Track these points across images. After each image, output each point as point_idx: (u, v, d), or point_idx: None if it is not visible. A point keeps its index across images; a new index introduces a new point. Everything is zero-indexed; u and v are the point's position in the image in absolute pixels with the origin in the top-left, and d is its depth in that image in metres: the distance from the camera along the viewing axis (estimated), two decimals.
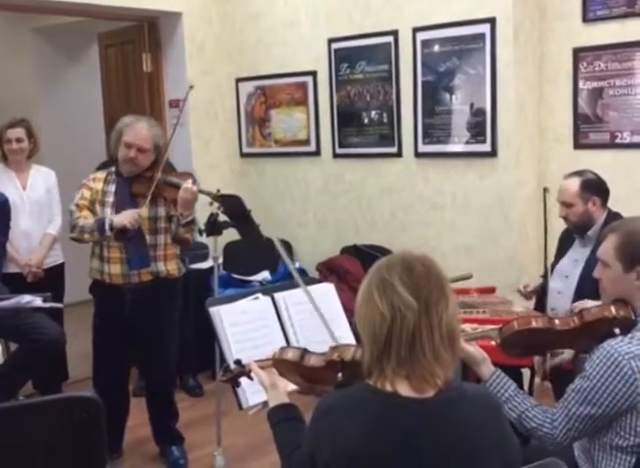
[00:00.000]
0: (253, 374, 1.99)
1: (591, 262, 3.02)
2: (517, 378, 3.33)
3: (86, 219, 3.31)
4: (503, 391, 2.04)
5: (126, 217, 3.23)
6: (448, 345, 1.55)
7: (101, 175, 3.46)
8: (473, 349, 2.10)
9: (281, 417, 1.88)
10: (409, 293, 1.54)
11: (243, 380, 2.08)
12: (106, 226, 3.23)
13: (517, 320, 2.15)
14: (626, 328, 1.98)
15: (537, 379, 3.55)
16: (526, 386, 3.55)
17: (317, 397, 1.97)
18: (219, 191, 3.33)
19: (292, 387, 2.00)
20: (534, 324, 2.12)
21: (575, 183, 3.19)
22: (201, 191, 3.28)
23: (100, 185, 3.41)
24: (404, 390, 1.54)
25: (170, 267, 3.45)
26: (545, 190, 3.04)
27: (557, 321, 2.12)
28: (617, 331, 1.98)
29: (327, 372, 1.88)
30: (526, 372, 3.46)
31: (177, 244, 3.49)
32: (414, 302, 1.53)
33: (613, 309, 2.02)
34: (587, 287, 2.99)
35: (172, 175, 3.46)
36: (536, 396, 3.65)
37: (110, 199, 3.38)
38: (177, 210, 3.30)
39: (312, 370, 1.91)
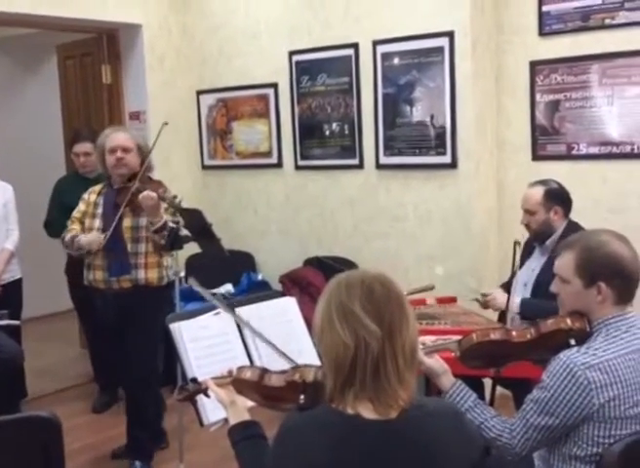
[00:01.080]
0: (210, 392, 1.97)
1: (545, 270, 3.08)
2: (479, 388, 3.35)
3: (70, 233, 3.54)
4: (463, 402, 2.06)
5: (87, 241, 3.46)
6: (410, 364, 1.55)
7: (98, 187, 3.67)
8: (433, 361, 2.11)
9: (242, 435, 1.85)
10: (372, 321, 1.51)
11: (204, 398, 2.05)
12: (75, 245, 3.48)
13: (475, 332, 2.16)
14: (582, 339, 2.00)
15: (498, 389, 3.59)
16: (487, 396, 3.57)
17: (278, 411, 1.96)
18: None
19: (251, 403, 1.99)
20: (492, 336, 2.13)
21: (539, 192, 3.25)
22: (160, 197, 3.30)
23: (93, 197, 3.62)
24: (367, 413, 1.52)
25: (150, 275, 3.52)
26: (516, 243, 3.07)
27: (514, 333, 2.14)
28: (572, 341, 2.00)
29: (288, 392, 1.85)
30: (487, 382, 3.48)
31: (161, 252, 3.53)
32: (377, 330, 1.50)
33: (569, 321, 2.03)
34: (540, 294, 3.04)
35: (150, 183, 3.51)
36: (497, 406, 3.67)
37: (99, 210, 3.57)
38: None
39: (272, 390, 1.89)
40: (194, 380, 2.03)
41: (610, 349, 1.93)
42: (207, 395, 2.00)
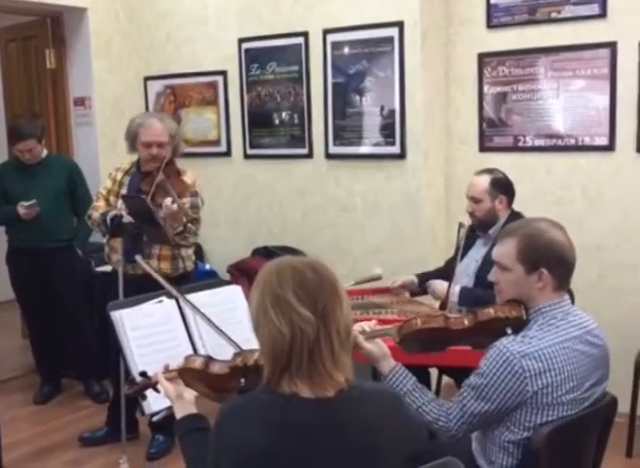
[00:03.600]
0: (159, 386, 1.94)
1: (487, 260, 3.11)
2: (425, 377, 3.38)
3: (97, 211, 3.53)
4: (402, 385, 2.08)
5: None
6: (346, 347, 1.57)
7: (127, 165, 3.67)
8: (372, 346, 2.13)
9: (188, 428, 1.83)
10: (306, 308, 1.52)
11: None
12: (107, 220, 3.42)
13: (415, 319, 2.18)
14: (518, 327, 2.04)
15: (444, 379, 3.62)
16: (434, 386, 3.60)
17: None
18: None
19: (196, 394, 1.96)
20: (431, 324, 2.16)
21: (485, 180, 3.27)
22: (180, 208, 3.23)
23: (120, 176, 3.63)
24: (304, 393, 1.53)
25: (162, 266, 3.50)
26: (461, 225, 3.08)
27: (452, 320, 2.16)
28: (509, 330, 2.03)
29: (232, 380, 1.84)
30: (434, 372, 3.52)
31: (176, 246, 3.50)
32: (312, 317, 1.52)
33: (506, 310, 2.07)
34: (483, 283, 3.08)
35: (175, 180, 3.47)
36: (442, 394, 3.72)
37: (123, 191, 3.56)
38: None
39: (217, 378, 1.87)
40: (144, 374, 1.98)
41: (545, 338, 1.97)
42: (156, 390, 1.97)
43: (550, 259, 2.01)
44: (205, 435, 1.78)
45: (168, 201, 3.22)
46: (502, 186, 3.28)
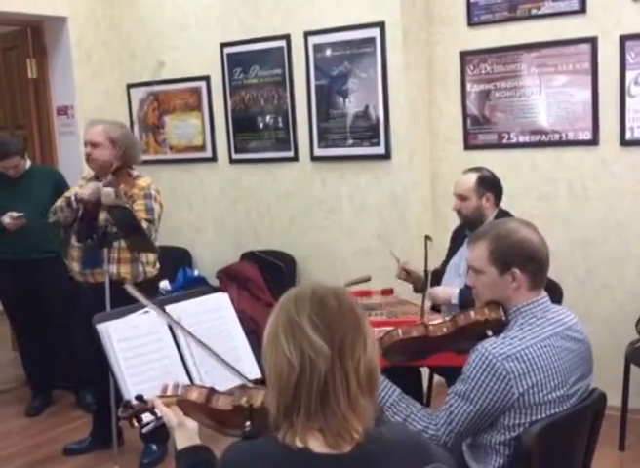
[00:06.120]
0: (157, 411, 1.82)
1: None
2: (417, 378, 3.39)
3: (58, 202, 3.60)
4: (388, 397, 2.05)
5: (85, 190, 3.46)
6: (366, 391, 1.36)
7: (91, 175, 3.68)
8: None
9: (191, 461, 1.71)
10: (320, 337, 1.34)
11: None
12: (72, 198, 3.47)
13: (395, 331, 2.16)
14: (498, 328, 2.03)
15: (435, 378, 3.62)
16: (425, 385, 3.60)
17: (224, 435, 1.82)
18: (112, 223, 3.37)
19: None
20: (411, 334, 2.14)
21: (472, 178, 3.28)
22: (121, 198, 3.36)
23: (83, 183, 3.68)
24: (317, 446, 1.33)
25: (122, 270, 3.49)
26: (427, 238, 3.11)
27: (432, 327, 2.15)
28: (489, 333, 2.03)
29: (235, 417, 1.73)
30: (425, 371, 3.52)
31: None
32: (326, 347, 1.33)
33: (485, 312, 2.06)
34: None
35: (125, 180, 3.54)
36: (435, 394, 3.72)
37: None
38: None
39: (219, 413, 1.77)
40: (139, 398, 1.88)
41: (526, 337, 1.96)
42: (154, 414, 1.85)
43: (521, 259, 2.01)
44: None
45: (108, 189, 3.35)
46: (489, 184, 3.28)
